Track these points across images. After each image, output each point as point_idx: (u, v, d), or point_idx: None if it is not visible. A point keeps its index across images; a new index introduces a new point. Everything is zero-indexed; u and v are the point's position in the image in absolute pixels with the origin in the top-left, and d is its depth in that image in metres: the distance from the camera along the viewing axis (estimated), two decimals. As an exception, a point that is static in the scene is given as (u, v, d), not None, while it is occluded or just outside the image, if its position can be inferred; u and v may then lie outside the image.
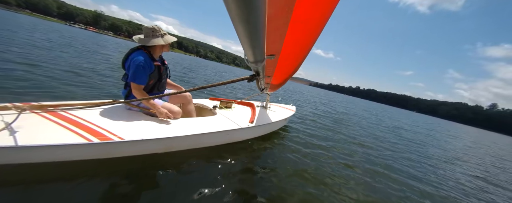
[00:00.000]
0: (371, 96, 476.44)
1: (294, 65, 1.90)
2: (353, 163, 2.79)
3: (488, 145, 12.01)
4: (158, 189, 1.40)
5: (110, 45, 18.76)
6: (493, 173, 4.36)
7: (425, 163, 3.86)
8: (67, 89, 3.06)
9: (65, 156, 1.24)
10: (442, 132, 13.44)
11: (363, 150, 3.64)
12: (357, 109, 15.74)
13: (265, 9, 0.46)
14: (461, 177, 3.43)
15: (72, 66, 4.81)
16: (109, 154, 1.41)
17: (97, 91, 3.36)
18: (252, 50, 0.72)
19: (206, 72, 16.69)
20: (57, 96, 2.67)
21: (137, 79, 1.62)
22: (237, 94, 7.24)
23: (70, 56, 6.39)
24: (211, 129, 1.93)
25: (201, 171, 1.72)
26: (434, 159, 4.44)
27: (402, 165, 3.33)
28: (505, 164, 5.87)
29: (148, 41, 1.67)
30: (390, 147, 4.53)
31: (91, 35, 33.82)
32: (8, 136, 1.10)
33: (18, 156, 1.11)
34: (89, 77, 4.17)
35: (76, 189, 1.24)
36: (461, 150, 6.95)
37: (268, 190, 1.70)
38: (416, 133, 8.83)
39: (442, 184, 2.85)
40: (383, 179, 2.51)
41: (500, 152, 9.22)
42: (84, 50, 9.09)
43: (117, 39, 61.04)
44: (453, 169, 3.91)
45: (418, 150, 5.00)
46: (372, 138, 5.11)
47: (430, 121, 33.90)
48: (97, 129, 1.38)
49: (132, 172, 1.49)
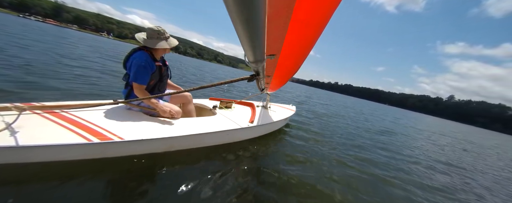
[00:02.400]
0: (348, 91, 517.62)
1: (295, 65, 1.90)
2: (353, 163, 2.79)
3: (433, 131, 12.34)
4: (158, 189, 1.39)
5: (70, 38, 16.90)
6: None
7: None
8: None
9: (65, 156, 1.24)
10: (418, 127, 13.08)
11: (362, 149, 3.64)
12: (338, 107, 14.01)
13: (265, 9, 0.46)
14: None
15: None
16: (109, 153, 1.41)
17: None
18: (252, 50, 0.72)
19: (188, 70, 15.81)
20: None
21: (139, 79, 1.62)
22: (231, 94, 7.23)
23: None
24: (211, 129, 1.93)
25: (201, 171, 1.71)
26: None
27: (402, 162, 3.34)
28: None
29: (153, 44, 1.67)
30: (381, 145, 4.55)
31: (48, 29, 28.47)
32: (9, 136, 1.10)
33: (18, 155, 1.12)
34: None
35: (76, 189, 1.24)
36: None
37: (268, 190, 1.70)
38: (406, 136, 8.81)
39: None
40: (384, 178, 2.51)
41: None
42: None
43: (82, 33, 55.41)
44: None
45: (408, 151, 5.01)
46: (367, 138, 5.11)
47: (404, 114, 34.10)
48: (97, 128, 1.38)
49: (132, 172, 1.49)
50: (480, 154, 6.97)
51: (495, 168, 4.90)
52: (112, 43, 35.92)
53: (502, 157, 7.46)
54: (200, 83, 8.08)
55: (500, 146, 12.87)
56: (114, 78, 5.01)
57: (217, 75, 18.91)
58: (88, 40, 22.15)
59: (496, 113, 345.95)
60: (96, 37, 49.71)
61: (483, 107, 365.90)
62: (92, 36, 56.82)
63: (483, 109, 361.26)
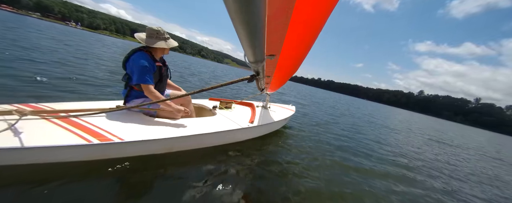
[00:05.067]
0: (330, 87, 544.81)
1: (294, 65, 1.90)
2: (353, 162, 2.80)
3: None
4: (158, 190, 1.39)
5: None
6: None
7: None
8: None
9: (65, 157, 1.24)
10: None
11: (361, 149, 3.65)
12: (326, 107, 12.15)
13: (265, 9, 0.46)
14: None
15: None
16: (109, 154, 1.41)
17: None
18: (252, 50, 0.72)
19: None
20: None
21: (145, 80, 1.62)
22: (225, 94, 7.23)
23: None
24: (211, 129, 1.93)
25: (201, 171, 1.71)
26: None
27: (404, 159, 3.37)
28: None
29: (151, 43, 1.68)
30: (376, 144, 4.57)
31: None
32: (10, 137, 1.10)
33: (19, 157, 1.12)
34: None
35: (76, 190, 1.24)
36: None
37: (269, 190, 1.70)
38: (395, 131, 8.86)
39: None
40: (385, 178, 2.52)
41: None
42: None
43: (41, 21, 48.44)
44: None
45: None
46: (367, 138, 5.12)
47: (382, 109, 34.65)
48: (97, 130, 1.38)
49: (132, 172, 1.48)
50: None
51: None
52: (79, 33, 29.84)
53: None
54: (188, 79, 8.07)
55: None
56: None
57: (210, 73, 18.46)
58: (44, 29, 17.40)
59: (458, 105, 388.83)
60: (55, 25, 42.58)
61: (448, 101, 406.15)
62: (50, 23, 48.76)
63: (449, 102, 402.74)
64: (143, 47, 1.73)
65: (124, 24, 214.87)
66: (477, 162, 5.31)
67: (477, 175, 3.90)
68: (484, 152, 7.80)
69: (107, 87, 3.81)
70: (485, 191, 3.02)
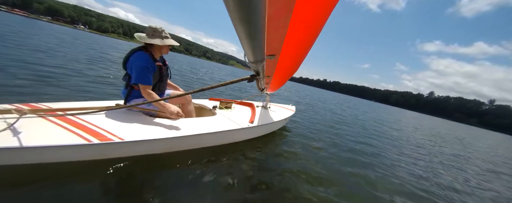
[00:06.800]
0: (336, 88, 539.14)
1: (294, 65, 1.90)
2: (353, 162, 2.79)
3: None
4: (158, 190, 1.39)
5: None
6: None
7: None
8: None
9: (65, 157, 1.24)
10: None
11: (361, 149, 3.65)
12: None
13: (265, 9, 0.46)
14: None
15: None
16: (109, 154, 1.41)
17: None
18: (252, 50, 0.72)
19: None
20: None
21: (143, 80, 1.62)
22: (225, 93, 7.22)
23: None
24: (211, 129, 1.92)
25: (201, 171, 1.71)
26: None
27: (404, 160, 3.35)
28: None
29: (146, 39, 1.68)
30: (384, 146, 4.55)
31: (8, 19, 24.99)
32: (9, 137, 1.10)
33: (19, 156, 1.11)
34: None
35: (76, 190, 1.24)
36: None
37: (268, 190, 1.70)
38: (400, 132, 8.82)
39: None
40: (386, 178, 2.51)
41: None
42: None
43: (50, 25, 49.93)
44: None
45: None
46: (371, 139, 5.11)
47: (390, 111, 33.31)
48: (97, 129, 1.38)
49: (132, 172, 1.48)
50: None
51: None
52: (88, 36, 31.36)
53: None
54: (187, 78, 8.07)
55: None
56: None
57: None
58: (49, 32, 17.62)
59: (471, 107, 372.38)
60: (64, 29, 45.07)
61: (460, 102, 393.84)
62: (59, 27, 50.57)
63: (460, 104, 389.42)
64: (143, 47, 1.72)
65: (132, 27, 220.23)
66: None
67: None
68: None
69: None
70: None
